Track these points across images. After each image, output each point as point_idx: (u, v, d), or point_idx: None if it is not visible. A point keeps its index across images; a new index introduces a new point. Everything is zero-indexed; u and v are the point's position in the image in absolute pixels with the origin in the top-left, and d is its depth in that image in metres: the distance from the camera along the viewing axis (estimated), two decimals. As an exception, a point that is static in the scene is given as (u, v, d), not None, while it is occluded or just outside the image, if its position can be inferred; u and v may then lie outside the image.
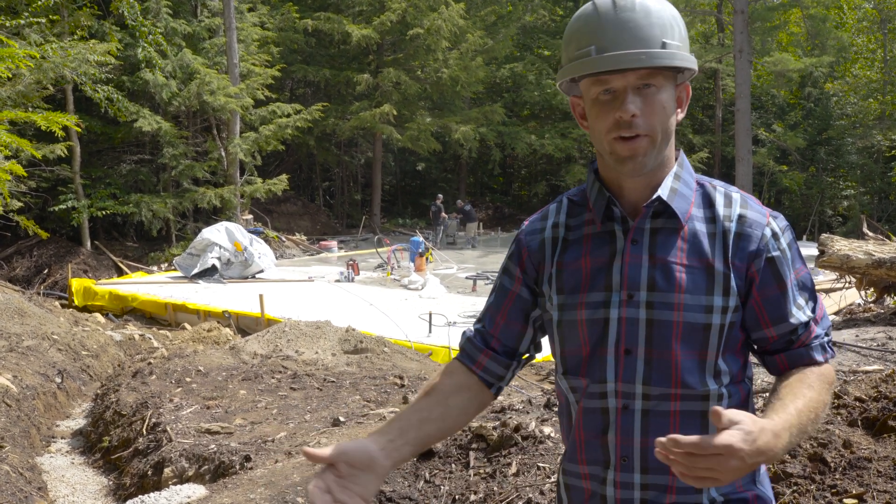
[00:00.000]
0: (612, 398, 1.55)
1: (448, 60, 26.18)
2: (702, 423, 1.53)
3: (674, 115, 1.53)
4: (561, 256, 1.63)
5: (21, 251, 19.50)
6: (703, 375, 1.52)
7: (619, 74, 1.46)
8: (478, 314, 1.87)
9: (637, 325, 1.53)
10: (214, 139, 21.53)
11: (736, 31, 23.18)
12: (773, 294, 1.52)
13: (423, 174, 34.81)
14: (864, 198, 30.02)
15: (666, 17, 1.48)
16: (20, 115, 11.06)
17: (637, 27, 1.45)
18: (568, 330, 1.61)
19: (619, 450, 1.55)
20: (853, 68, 32.51)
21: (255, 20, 23.46)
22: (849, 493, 2.90)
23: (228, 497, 4.03)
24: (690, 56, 1.52)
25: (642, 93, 1.47)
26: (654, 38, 1.45)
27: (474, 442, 3.98)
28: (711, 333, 1.50)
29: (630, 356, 1.53)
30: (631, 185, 1.56)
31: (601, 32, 1.46)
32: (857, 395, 3.79)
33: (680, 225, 1.53)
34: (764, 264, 1.51)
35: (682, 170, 1.58)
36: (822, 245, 8.53)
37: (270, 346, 8.21)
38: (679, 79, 1.55)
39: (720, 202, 1.56)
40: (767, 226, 1.53)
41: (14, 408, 6.20)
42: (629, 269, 1.54)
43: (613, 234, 1.57)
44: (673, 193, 1.54)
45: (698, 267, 1.51)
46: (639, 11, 1.46)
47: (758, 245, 1.51)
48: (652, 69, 1.45)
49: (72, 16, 18.30)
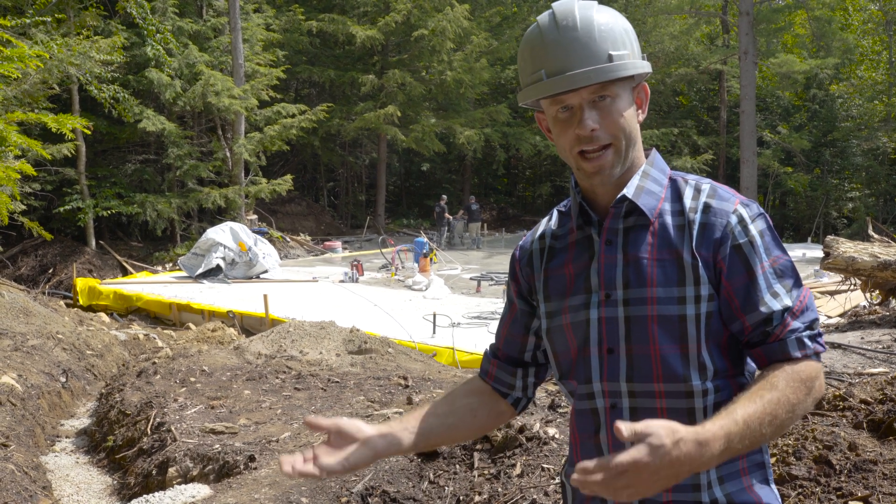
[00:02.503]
0: (600, 398, 1.57)
1: (453, 62, 26.18)
2: (688, 420, 1.46)
3: (634, 118, 1.56)
4: (547, 265, 1.68)
5: (26, 251, 19.55)
6: (687, 370, 1.51)
7: (572, 93, 1.50)
8: (480, 315, 1.95)
9: (616, 324, 1.54)
10: (219, 139, 21.56)
11: (741, 33, 23.17)
12: (742, 282, 1.50)
13: (428, 175, 34.82)
14: (869, 200, 29.94)
15: (608, 25, 1.51)
16: (31, 118, 11.08)
17: (581, 46, 1.49)
18: (557, 335, 1.64)
19: (612, 450, 1.56)
20: (858, 70, 32.45)
21: (260, 21, 23.50)
22: (854, 496, 2.89)
23: (233, 497, 4.03)
24: (640, 61, 1.55)
25: (598, 105, 1.51)
26: (600, 52, 1.49)
27: (479, 443, 3.98)
28: (688, 324, 1.50)
29: (613, 355, 1.55)
30: (602, 190, 1.59)
31: (548, 55, 1.51)
32: (863, 397, 3.77)
33: (649, 221, 1.55)
34: (730, 252, 1.50)
35: (651, 167, 1.60)
36: (827, 247, 8.50)
37: (275, 347, 8.21)
38: (634, 81, 1.58)
39: (688, 195, 1.57)
40: (734, 213, 1.51)
41: (19, 407, 6.22)
42: (605, 269, 1.57)
43: (591, 238, 1.61)
44: (639, 191, 1.56)
45: (669, 259, 1.52)
46: (581, 29, 1.49)
47: (722, 232, 1.50)
48: (602, 84, 1.49)
49: (77, 15, 18.34)
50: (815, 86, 30.92)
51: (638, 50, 1.56)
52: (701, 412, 1.52)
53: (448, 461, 3.92)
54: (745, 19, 22.83)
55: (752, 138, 23.21)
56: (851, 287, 10.05)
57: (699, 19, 31.50)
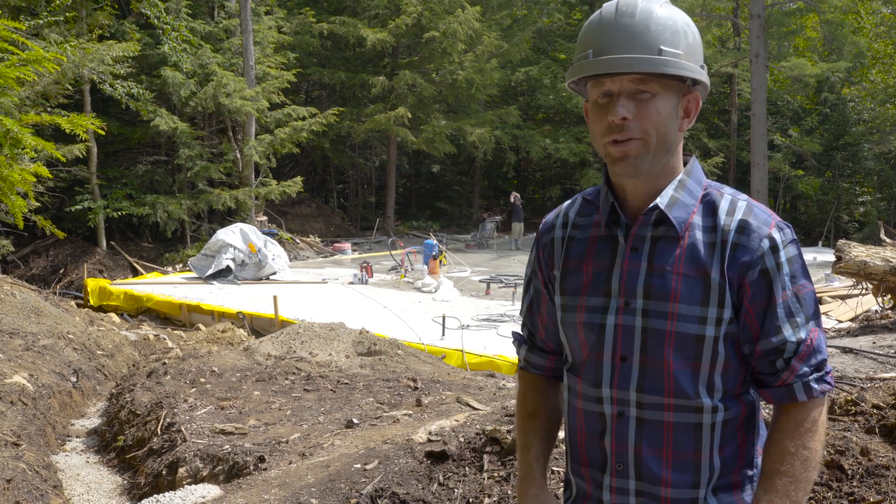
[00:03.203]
0: (608, 404, 1.58)
1: (463, 63, 26.18)
2: (695, 435, 1.53)
3: (675, 123, 1.53)
4: (567, 256, 1.67)
5: (38, 251, 19.64)
6: (697, 387, 1.52)
7: (614, 78, 1.48)
8: (490, 317, 1.97)
9: (633, 333, 1.54)
10: (230, 141, 21.62)
11: (752, 36, 23.07)
12: (763, 308, 1.50)
13: (438, 177, 34.80)
14: (880, 204, 29.79)
15: (671, 23, 1.48)
16: (45, 119, 11.13)
17: (633, 33, 1.46)
18: (570, 331, 1.65)
19: (615, 456, 1.58)
20: (870, 73, 32.28)
21: (271, 23, 23.56)
22: (866, 501, 2.88)
23: (243, 498, 4.04)
24: (693, 66, 1.51)
25: (637, 97, 1.48)
26: (650, 44, 1.46)
27: (488, 445, 3.98)
28: (705, 345, 1.50)
29: (626, 363, 1.55)
30: (633, 190, 1.57)
31: (600, 36, 1.49)
32: (875, 402, 3.75)
33: (678, 234, 1.53)
34: (757, 276, 1.49)
35: (688, 177, 1.57)
36: (838, 251, 8.47)
37: (284, 348, 8.23)
38: (687, 88, 1.55)
39: (723, 210, 1.54)
40: (767, 237, 1.50)
41: (30, 406, 6.25)
42: (627, 276, 1.55)
43: (616, 239, 1.59)
44: (673, 202, 1.53)
45: (694, 277, 1.50)
46: (638, 17, 1.47)
47: (752, 256, 1.49)
48: (645, 75, 1.47)
49: (90, 15, 18.41)
50: (827, 89, 30.78)
51: (698, 56, 1.53)
52: (708, 428, 1.53)
53: (458, 463, 3.92)
54: (757, 22, 22.74)
55: (763, 141, 23.10)
56: (863, 291, 10.00)
57: (710, 22, 31.41)
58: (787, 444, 1.50)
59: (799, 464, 1.48)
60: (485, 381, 7.13)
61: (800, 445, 1.49)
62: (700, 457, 1.54)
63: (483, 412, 4.94)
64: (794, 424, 1.51)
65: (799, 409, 1.52)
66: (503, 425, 4.16)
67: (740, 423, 1.57)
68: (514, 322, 11.30)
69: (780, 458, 1.49)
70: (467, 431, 4.25)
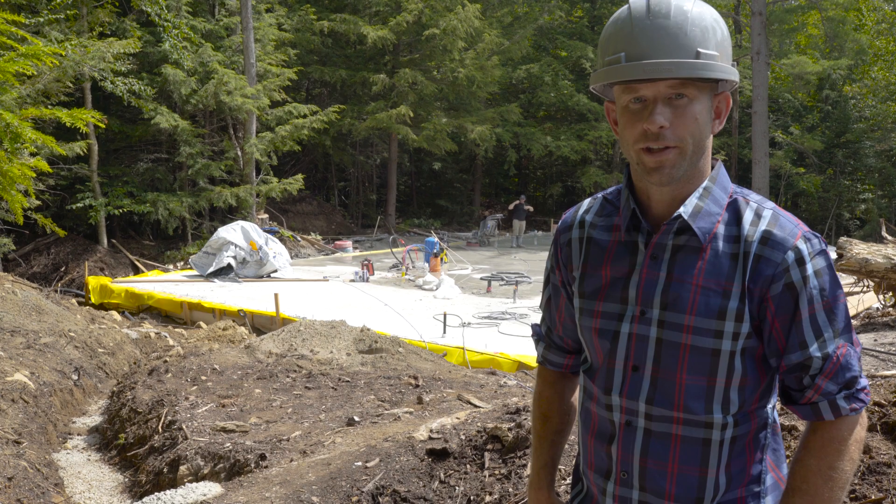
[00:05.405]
0: (618, 412, 1.56)
1: (464, 60, 26.17)
2: (703, 451, 1.50)
3: (709, 126, 1.47)
4: (585, 259, 1.63)
5: (39, 249, 19.66)
6: (710, 402, 1.48)
7: (649, 83, 1.40)
8: (491, 315, 1.95)
9: (647, 343, 1.50)
10: (231, 138, 21.62)
11: (753, 33, 23.05)
12: (788, 323, 1.45)
13: (439, 174, 34.80)
14: (882, 201, 29.77)
15: (704, 22, 1.41)
16: (45, 113, 11.11)
17: (670, 35, 1.39)
18: (587, 334, 1.62)
19: (620, 464, 1.56)
20: (872, 71, 32.26)
21: (272, 21, 23.55)
22: (868, 499, 2.87)
23: (244, 495, 4.04)
24: (728, 66, 1.44)
25: (673, 103, 1.41)
26: (688, 46, 1.39)
27: (489, 443, 3.97)
28: (721, 359, 1.46)
29: (637, 373, 1.52)
30: (658, 197, 1.51)
31: (633, 39, 1.41)
32: (876, 399, 3.75)
33: (701, 245, 1.48)
34: (781, 290, 1.43)
35: (713, 184, 1.51)
36: (840, 248, 8.47)
37: (285, 346, 8.23)
38: (718, 88, 1.49)
39: (748, 219, 1.48)
40: (792, 249, 1.43)
41: (31, 404, 6.25)
42: (645, 284, 1.51)
43: (636, 245, 1.55)
44: (697, 211, 1.48)
45: (714, 289, 1.45)
46: (673, 18, 1.39)
47: (776, 269, 1.43)
48: (683, 80, 1.40)
49: (91, 13, 18.41)
50: (828, 86, 30.76)
51: (729, 55, 1.47)
52: (717, 444, 1.50)
53: (459, 461, 3.92)
54: (758, 19, 22.71)
55: (765, 139, 23.08)
56: (864, 289, 9.99)
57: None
58: (811, 463, 1.45)
59: (822, 483, 1.43)
60: (486, 379, 7.13)
61: (825, 465, 1.44)
62: (706, 473, 1.51)
63: (484, 410, 4.94)
64: (820, 443, 1.46)
65: (826, 427, 1.47)
66: (504, 423, 4.16)
67: (750, 438, 1.54)
68: (515, 320, 11.31)
69: (804, 476, 1.45)
70: (468, 429, 4.25)
